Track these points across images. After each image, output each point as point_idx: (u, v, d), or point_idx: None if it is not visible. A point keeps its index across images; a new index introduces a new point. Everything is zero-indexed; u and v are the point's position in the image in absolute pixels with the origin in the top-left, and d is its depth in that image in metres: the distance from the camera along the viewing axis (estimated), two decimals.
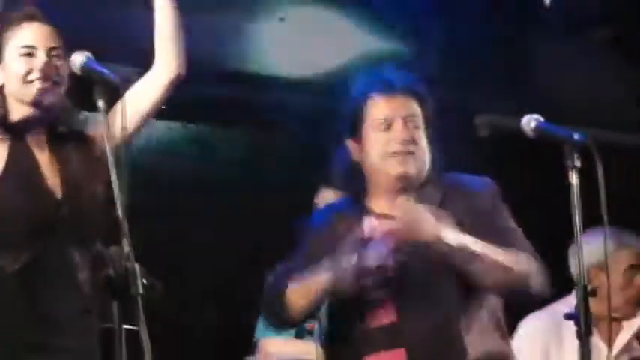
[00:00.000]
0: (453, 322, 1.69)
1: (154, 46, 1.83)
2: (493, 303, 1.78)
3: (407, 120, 1.75)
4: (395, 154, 1.73)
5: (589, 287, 1.54)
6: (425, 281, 1.70)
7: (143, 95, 1.80)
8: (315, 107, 3.25)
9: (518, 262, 1.68)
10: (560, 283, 2.09)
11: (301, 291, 1.73)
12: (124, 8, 2.98)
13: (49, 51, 1.74)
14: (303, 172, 3.33)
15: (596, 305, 1.60)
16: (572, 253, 2.30)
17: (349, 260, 1.64)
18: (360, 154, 1.79)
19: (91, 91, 1.50)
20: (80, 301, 1.75)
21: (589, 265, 1.79)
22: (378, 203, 1.79)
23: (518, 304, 1.99)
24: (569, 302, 2.06)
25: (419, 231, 1.64)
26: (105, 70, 1.50)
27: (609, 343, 2.35)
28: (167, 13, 1.80)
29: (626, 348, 2.58)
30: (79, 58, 1.54)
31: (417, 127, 1.77)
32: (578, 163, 1.57)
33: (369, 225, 1.76)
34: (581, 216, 1.56)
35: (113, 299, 1.40)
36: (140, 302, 1.35)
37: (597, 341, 2.31)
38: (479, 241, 1.66)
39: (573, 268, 2.24)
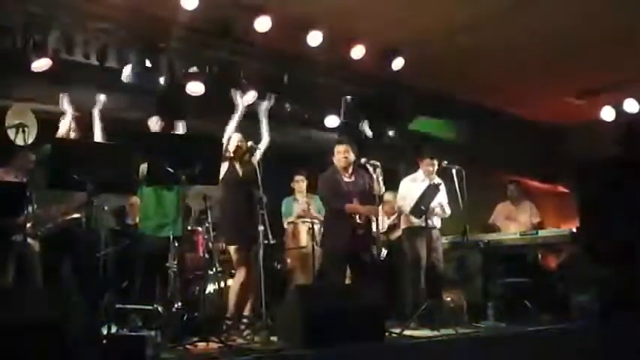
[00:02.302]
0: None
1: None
2: None
3: (348, 152, 5.88)
4: (345, 159, 5.85)
5: None
6: (366, 196, 5.63)
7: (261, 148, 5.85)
8: None
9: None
10: None
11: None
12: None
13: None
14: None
15: None
16: None
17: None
18: (334, 161, 5.83)
19: None
20: None
21: None
22: (342, 172, 5.89)
23: None
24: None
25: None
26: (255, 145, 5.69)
27: None
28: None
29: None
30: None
31: (352, 153, 5.90)
32: None
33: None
34: None
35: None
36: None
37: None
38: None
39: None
